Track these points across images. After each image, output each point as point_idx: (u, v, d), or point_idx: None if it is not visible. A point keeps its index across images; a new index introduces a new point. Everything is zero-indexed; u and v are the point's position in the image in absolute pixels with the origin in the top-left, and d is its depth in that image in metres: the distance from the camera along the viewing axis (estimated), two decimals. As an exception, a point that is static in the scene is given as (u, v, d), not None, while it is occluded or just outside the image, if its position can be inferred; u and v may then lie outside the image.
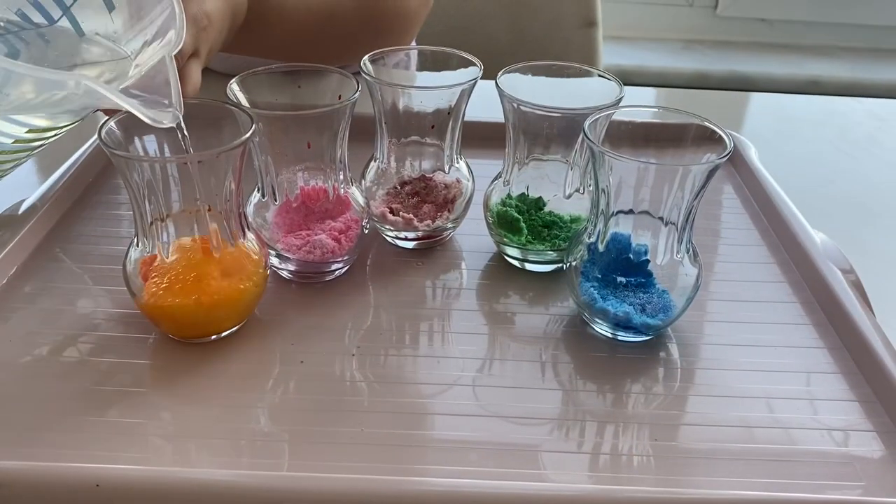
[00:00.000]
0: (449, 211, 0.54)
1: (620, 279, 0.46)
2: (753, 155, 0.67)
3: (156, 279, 0.44)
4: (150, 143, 0.44)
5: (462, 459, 0.39)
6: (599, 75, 0.52)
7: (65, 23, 0.46)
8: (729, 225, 0.61)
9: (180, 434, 0.40)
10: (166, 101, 0.39)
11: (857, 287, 0.51)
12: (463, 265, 0.55)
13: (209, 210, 0.43)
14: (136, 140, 0.43)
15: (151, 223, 0.43)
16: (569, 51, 1.12)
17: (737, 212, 0.62)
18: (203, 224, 0.43)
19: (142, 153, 0.43)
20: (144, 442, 0.40)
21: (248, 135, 0.41)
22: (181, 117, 0.39)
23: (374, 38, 0.74)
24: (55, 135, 0.46)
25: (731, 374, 0.45)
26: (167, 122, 0.39)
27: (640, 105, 0.48)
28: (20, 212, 0.54)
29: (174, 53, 0.41)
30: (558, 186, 0.52)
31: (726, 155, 0.42)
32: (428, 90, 0.50)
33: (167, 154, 0.44)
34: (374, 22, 0.73)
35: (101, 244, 0.54)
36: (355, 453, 0.39)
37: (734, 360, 0.46)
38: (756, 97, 0.94)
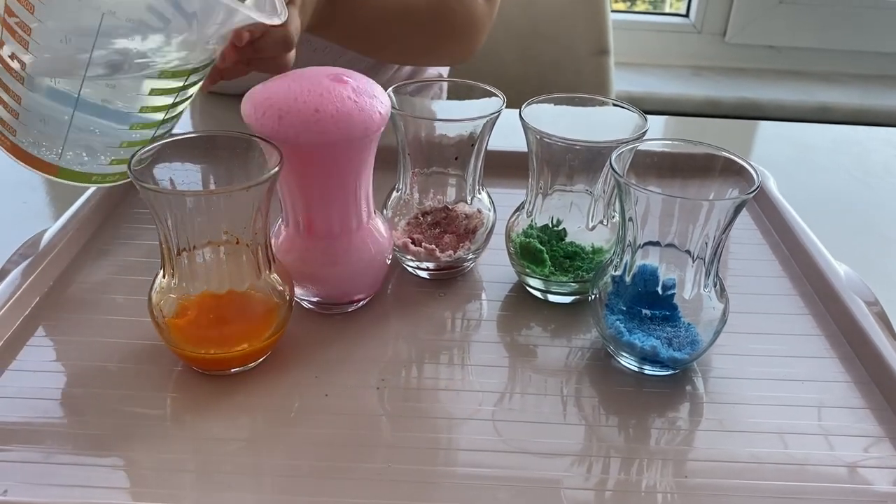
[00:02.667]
0: (470, 241, 0.54)
1: (646, 312, 0.46)
2: (772, 185, 0.67)
3: (181, 318, 0.44)
4: (177, 174, 0.44)
5: (492, 498, 0.39)
6: (622, 107, 0.52)
7: None
8: (749, 256, 0.60)
9: (201, 469, 0.40)
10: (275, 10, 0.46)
11: (883, 319, 0.51)
12: (484, 296, 0.55)
13: (237, 242, 0.43)
14: (162, 172, 0.44)
15: (179, 254, 0.43)
16: (581, 79, 1.13)
17: (756, 242, 0.62)
18: (231, 255, 0.43)
19: (168, 185, 0.43)
20: (166, 477, 0.39)
21: (276, 168, 0.41)
22: (283, 20, 0.46)
23: (443, 41, 0.79)
24: (186, 86, 0.48)
25: (758, 410, 0.45)
26: (277, 21, 0.45)
27: (664, 138, 0.48)
28: (42, 242, 0.54)
29: None
30: (581, 217, 0.52)
31: (754, 190, 0.42)
32: (451, 122, 0.51)
33: (192, 186, 0.45)
34: (442, 23, 0.77)
35: (123, 274, 0.55)
36: (381, 490, 0.39)
37: (761, 395, 0.46)
38: (768, 125, 0.94)
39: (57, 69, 0.43)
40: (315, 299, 0.51)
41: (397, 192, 0.55)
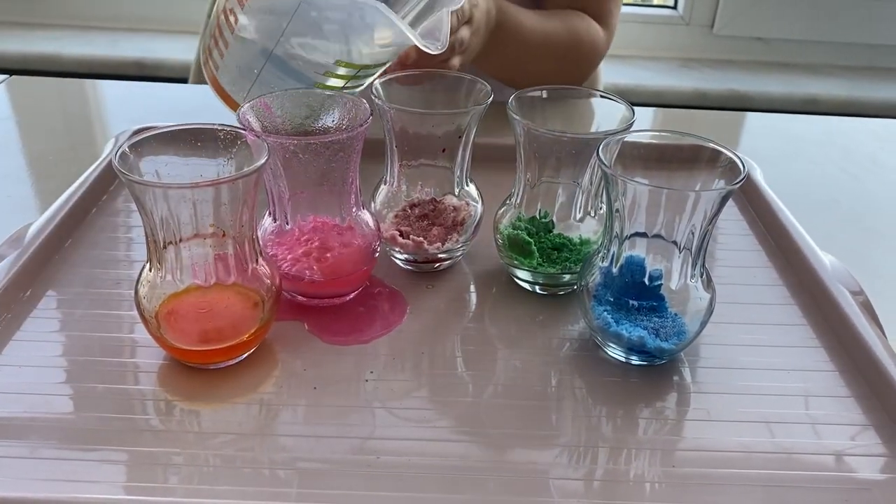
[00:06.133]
0: (458, 233, 0.54)
1: (633, 303, 0.46)
2: (759, 176, 0.67)
3: (167, 312, 0.44)
4: (163, 167, 0.44)
5: (481, 489, 0.39)
6: (609, 98, 0.52)
7: None
8: (735, 246, 0.61)
9: (189, 463, 0.40)
10: (437, 40, 0.53)
11: (868, 308, 0.51)
12: (472, 288, 0.55)
13: (223, 235, 0.43)
14: (149, 164, 0.43)
15: (165, 247, 0.42)
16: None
17: (743, 233, 0.62)
18: (218, 248, 0.43)
19: (154, 178, 0.43)
20: (153, 471, 0.39)
21: (262, 161, 0.41)
22: (441, 50, 0.53)
23: (570, 69, 0.86)
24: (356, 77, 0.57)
25: (745, 399, 0.45)
26: (433, 50, 0.52)
27: (651, 129, 0.48)
28: (27, 236, 0.54)
29: (453, 9, 0.55)
30: (569, 209, 0.52)
31: (740, 181, 0.42)
32: (438, 114, 0.51)
33: (179, 178, 0.44)
34: (573, 54, 0.84)
35: (109, 267, 0.54)
36: (370, 483, 0.39)
37: (747, 385, 0.46)
38: (756, 117, 0.94)
39: (258, 35, 0.54)
40: (302, 292, 0.51)
41: (385, 184, 0.55)
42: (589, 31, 0.85)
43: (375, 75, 0.58)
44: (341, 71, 0.54)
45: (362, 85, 0.58)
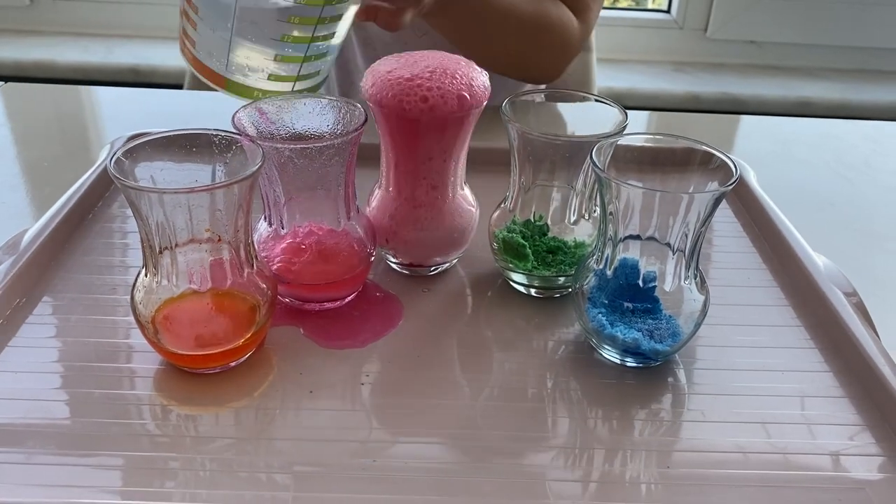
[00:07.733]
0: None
1: (628, 305, 0.46)
2: (752, 178, 0.67)
3: (163, 317, 0.44)
4: (159, 172, 0.44)
5: (477, 491, 0.39)
6: (603, 102, 0.52)
7: None
8: (730, 248, 0.61)
9: (186, 467, 0.40)
10: None
11: (861, 310, 0.52)
12: (468, 291, 0.55)
13: (219, 240, 0.43)
14: (144, 170, 0.43)
15: (161, 252, 0.43)
16: (563, 75, 1.13)
17: (737, 235, 0.63)
18: (213, 253, 0.43)
19: (149, 183, 0.43)
20: (149, 476, 0.39)
21: (258, 166, 0.41)
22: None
23: (536, 51, 0.82)
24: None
25: (739, 400, 0.45)
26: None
27: (644, 133, 0.48)
28: (23, 242, 0.54)
29: None
30: (563, 212, 0.52)
31: (732, 183, 0.42)
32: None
33: (174, 184, 0.44)
34: (540, 32, 0.81)
35: (105, 273, 0.54)
36: (366, 486, 0.39)
37: (742, 385, 0.46)
38: (750, 120, 0.95)
39: None
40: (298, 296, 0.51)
41: (380, 189, 0.55)
42: (561, 17, 0.81)
43: (341, 21, 0.55)
44: (306, 12, 0.52)
45: (326, 56, 0.57)
